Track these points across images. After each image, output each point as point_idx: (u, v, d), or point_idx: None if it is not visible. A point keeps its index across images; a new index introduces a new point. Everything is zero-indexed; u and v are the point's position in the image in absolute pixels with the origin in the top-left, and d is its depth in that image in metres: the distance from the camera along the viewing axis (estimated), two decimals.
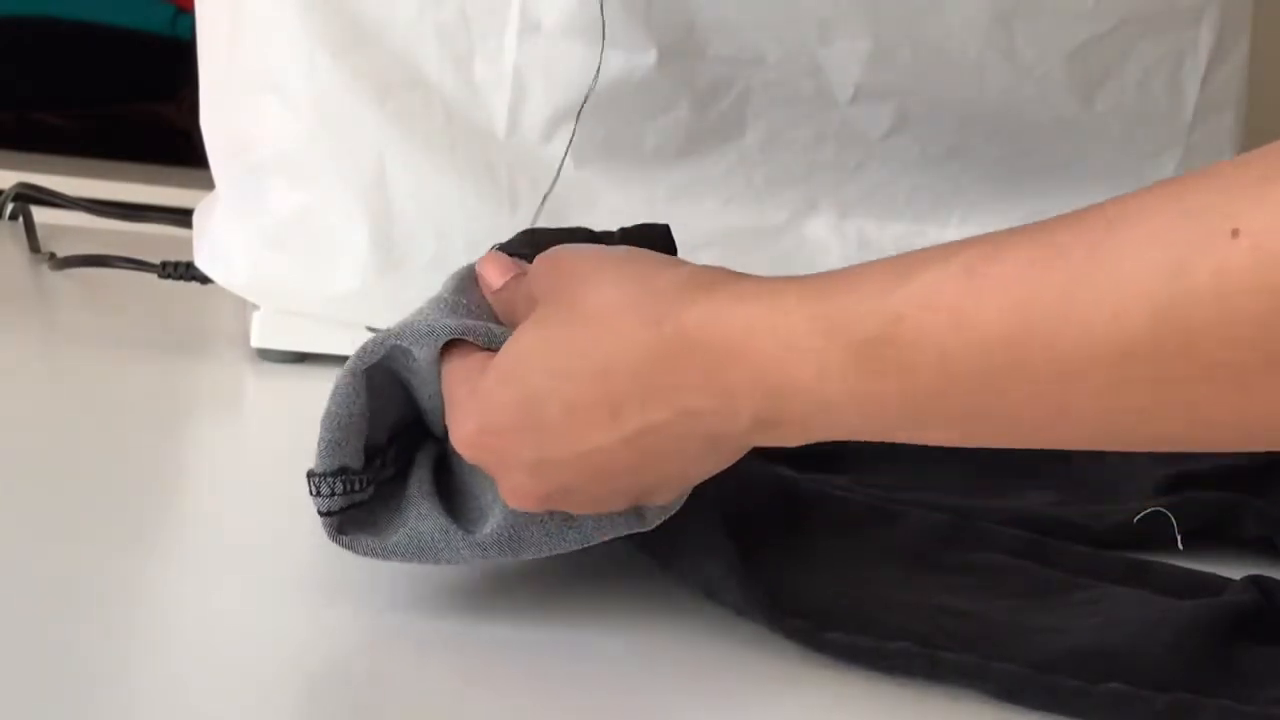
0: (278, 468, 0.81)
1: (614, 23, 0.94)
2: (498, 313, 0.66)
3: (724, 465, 0.60)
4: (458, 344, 0.63)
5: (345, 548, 0.64)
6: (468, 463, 0.63)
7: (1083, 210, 0.52)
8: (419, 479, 0.65)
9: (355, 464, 0.64)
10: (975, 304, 0.51)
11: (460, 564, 0.64)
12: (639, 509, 0.62)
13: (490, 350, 0.62)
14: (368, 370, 0.63)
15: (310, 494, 0.63)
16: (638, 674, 0.62)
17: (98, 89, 2.11)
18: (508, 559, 0.64)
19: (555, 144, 0.96)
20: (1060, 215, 0.52)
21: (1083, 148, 1.05)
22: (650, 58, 0.96)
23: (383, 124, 0.94)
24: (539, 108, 0.95)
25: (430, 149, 0.95)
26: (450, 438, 0.62)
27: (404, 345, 0.63)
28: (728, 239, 1.00)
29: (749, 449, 0.59)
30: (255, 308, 0.98)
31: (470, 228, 0.94)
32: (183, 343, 1.04)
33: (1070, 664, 0.61)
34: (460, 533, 0.63)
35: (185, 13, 2.05)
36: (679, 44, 0.97)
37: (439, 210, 0.95)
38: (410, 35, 0.94)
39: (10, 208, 1.26)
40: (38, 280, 1.15)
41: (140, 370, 0.95)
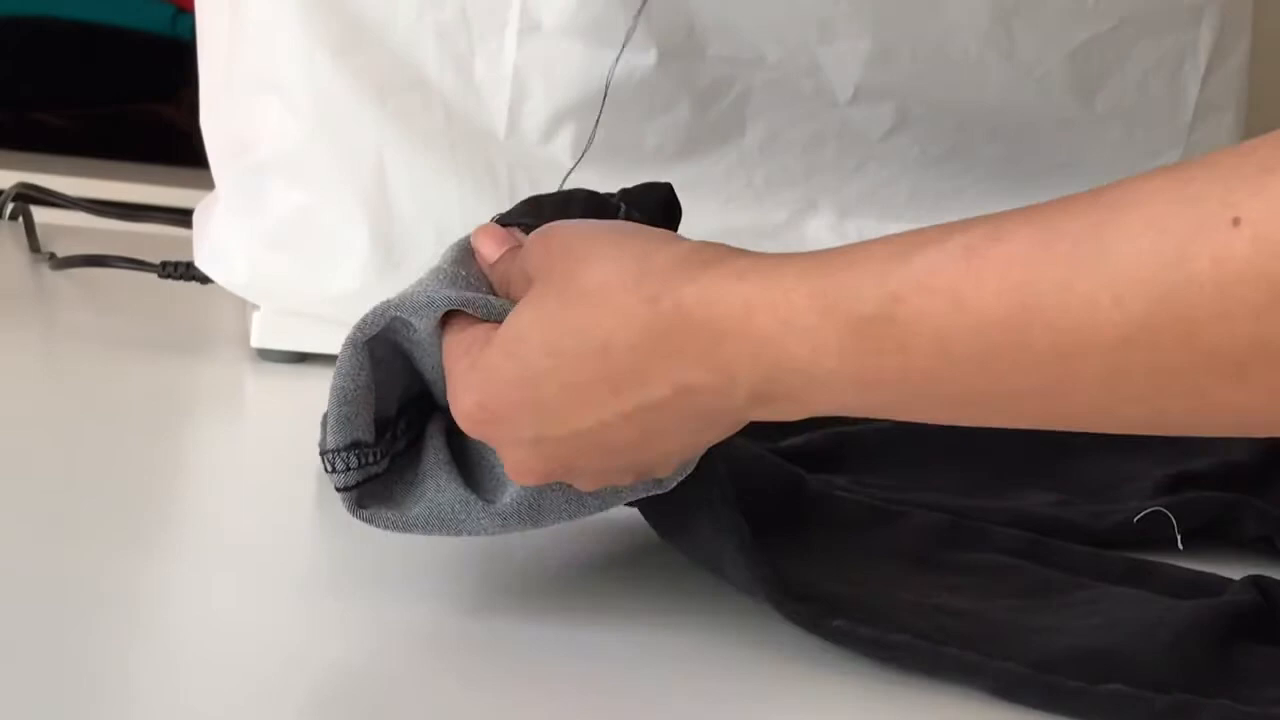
0: (277, 468, 0.81)
1: (614, 23, 0.94)
2: (494, 285, 0.65)
3: (725, 436, 0.61)
4: (457, 315, 0.63)
5: (365, 521, 0.63)
6: None
7: (1084, 194, 0.52)
8: (434, 450, 0.65)
9: (367, 437, 0.64)
10: (974, 285, 0.51)
11: (481, 535, 0.64)
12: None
13: (489, 323, 0.62)
14: (369, 343, 0.63)
15: (326, 471, 0.63)
16: (640, 673, 0.62)
17: (98, 89, 2.11)
18: (529, 528, 0.64)
19: (555, 144, 0.96)
20: (1062, 199, 0.52)
21: (1083, 148, 1.05)
22: (650, 58, 0.96)
23: (383, 124, 0.94)
24: (539, 108, 0.95)
25: (430, 149, 0.95)
26: (451, 412, 0.62)
27: (404, 317, 0.63)
28: (727, 239, 0.99)
29: (748, 422, 0.59)
30: (255, 308, 0.98)
31: (470, 228, 0.94)
32: (183, 343, 1.04)
33: (1069, 664, 0.61)
34: (480, 503, 0.63)
35: (185, 13, 2.05)
36: (679, 44, 0.97)
37: (439, 210, 0.95)
38: (410, 35, 0.94)
39: (10, 208, 1.26)
40: (38, 280, 1.15)
41: (140, 370, 0.95)
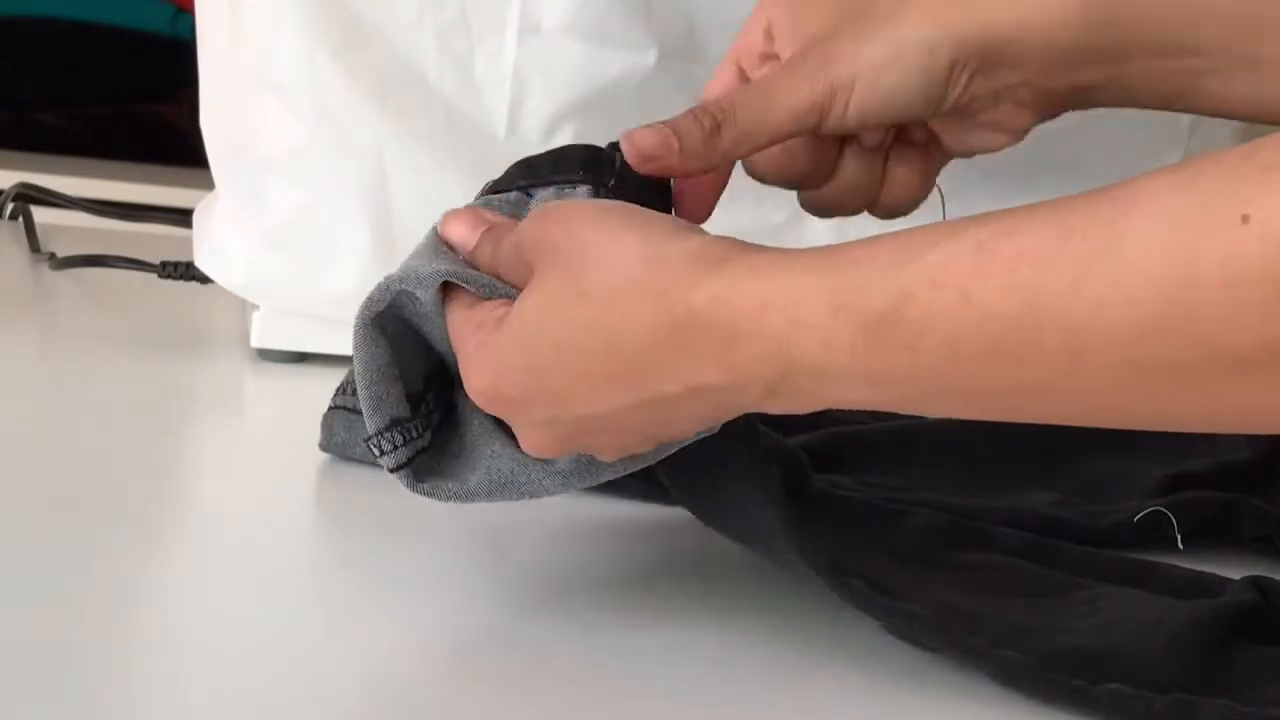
0: (277, 468, 0.81)
1: (614, 23, 0.94)
2: (481, 268, 0.64)
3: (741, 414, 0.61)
4: (459, 291, 0.62)
5: (426, 496, 0.64)
6: None
7: (1095, 192, 0.52)
8: (477, 418, 0.65)
9: (405, 413, 0.64)
10: (984, 283, 0.51)
11: (542, 495, 0.64)
12: None
13: (494, 300, 0.61)
14: (379, 320, 0.63)
15: (375, 457, 0.63)
16: (642, 673, 0.62)
17: (98, 89, 2.11)
18: (589, 484, 0.64)
19: (555, 144, 0.95)
20: (1071, 196, 0.52)
21: (1083, 148, 1.05)
22: (650, 58, 0.96)
23: (383, 124, 0.94)
24: (539, 108, 0.95)
25: (430, 149, 0.95)
26: (465, 389, 0.62)
27: (409, 289, 0.63)
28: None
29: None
30: (255, 308, 0.97)
31: None
32: (183, 343, 1.04)
33: (1069, 663, 0.61)
34: (537, 464, 0.63)
35: (185, 13, 2.05)
36: (679, 44, 0.97)
37: (439, 210, 0.95)
38: (410, 35, 0.94)
39: (10, 208, 1.26)
40: (38, 280, 1.15)
41: (140, 370, 0.95)
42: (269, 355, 0.98)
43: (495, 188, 0.68)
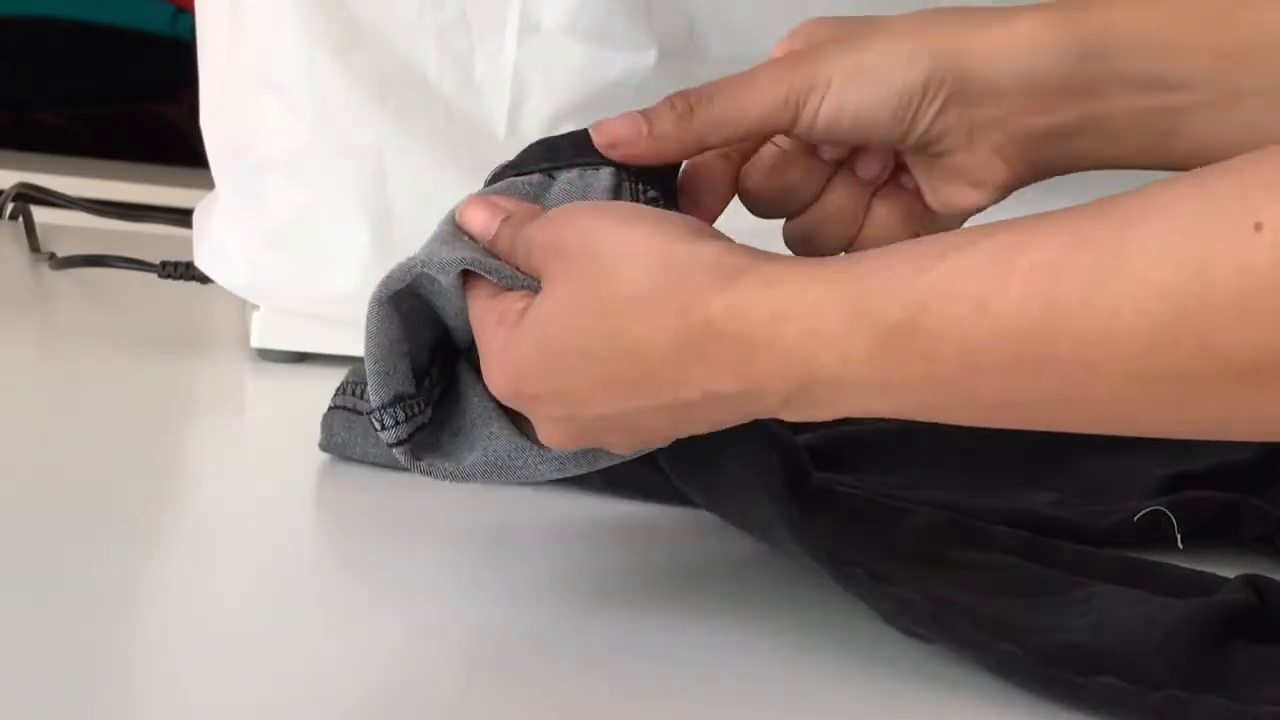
0: (277, 468, 0.81)
1: (614, 23, 0.94)
2: (500, 257, 0.64)
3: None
4: (481, 279, 0.63)
5: (423, 473, 0.64)
6: None
7: (1107, 201, 0.53)
8: (478, 397, 0.66)
9: (409, 389, 0.65)
10: (999, 293, 0.52)
11: (538, 480, 0.65)
12: None
13: (516, 292, 0.62)
14: (395, 298, 0.64)
15: (376, 430, 0.64)
16: (642, 672, 0.62)
17: (98, 89, 2.11)
18: (585, 470, 0.64)
19: None
20: (1084, 205, 0.53)
21: None
22: (650, 58, 0.96)
23: (383, 124, 0.94)
24: (539, 108, 0.95)
25: (430, 149, 0.95)
26: (485, 381, 0.63)
27: (430, 273, 0.63)
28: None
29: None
30: (255, 308, 0.98)
31: None
32: (183, 343, 1.04)
33: (1066, 659, 0.61)
34: (534, 449, 0.64)
35: (185, 13, 2.05)
36: (679, 44, 0.97)
37: (439, 210, 0.95)
38: (410, 35, 0.94)
39: (10, 208, 1.26)
40: (38, 280, 1.15)
41: (140, 370, 0.95)
42: (269, 355, 0.98)
43: (517, 169, 0.68)
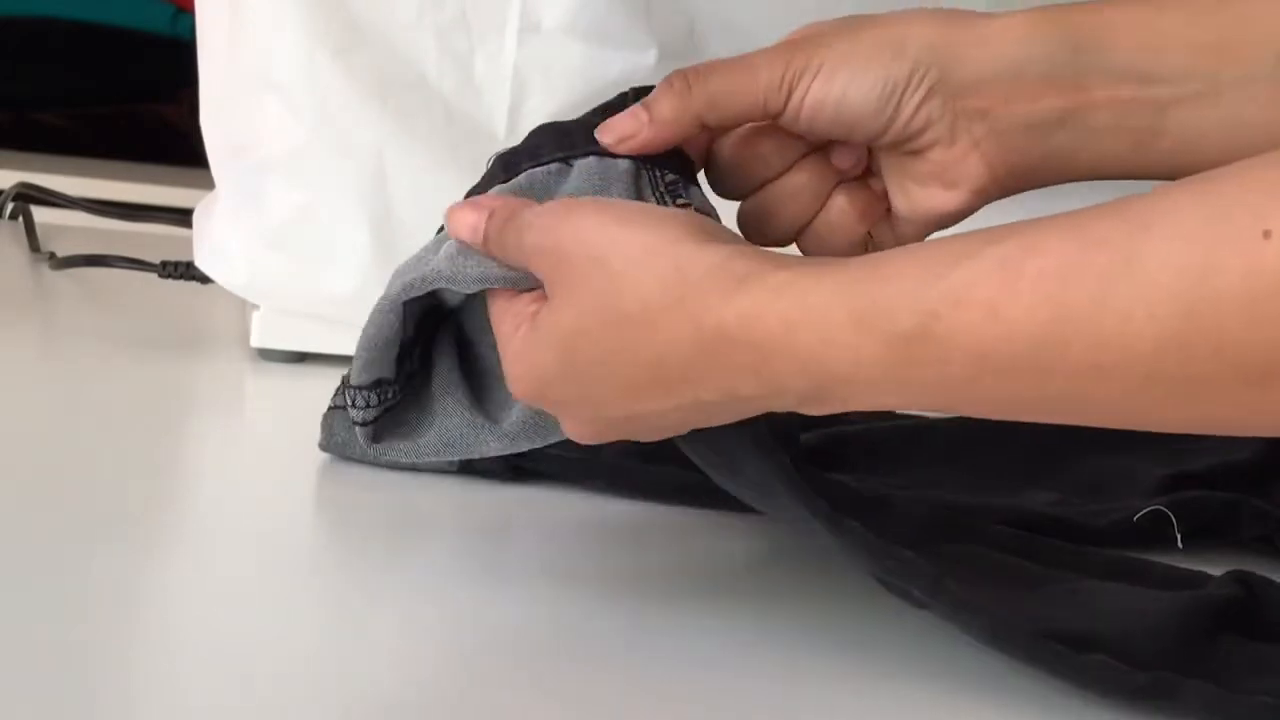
0: (277, 467, 0.81)
1: (614, 23, 0.94)
2: (491, 255, 0.65)
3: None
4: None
5: (378, 455, 0.67)
6: (491, 341, 0.64)
7: (1115, 204, 0.53)
8: (442, 371, 0.67)
9: (389, 374, 0.67)
10: (1010, 299, 0.53)
11: (491, 455, 0.66)
12: None
13: (534, 293, 0.63)
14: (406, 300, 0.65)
15: (347, 405, 0.67)
16: (642, 672, 0.62)
17: (98, 89, 2.11)
18: (537, 445, 0.66)
19: None
20: (1093, 208, 0.53)
21: None
22: (650, 58, 0.96)
23: (383, 124, 0.94)
24: (539, 108, 0.95)
25: (430, 149, 0.95)
26: (505, 381, 0.63)
27: (454, 288, 0.64)
28: None
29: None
30: (255, 308, 0.98)
31: None
32: (183, 342, 1.04)
33: (1058, 635, 0.61)
34: (487, 425, 0.65)
35: (185, 13, 2.05)
36: (679, 44, 0.97)
37: (439, 210, 0.95)
38: (410, 35, 0.94)
39: (10, 208, 1.26)
40: (38, 280, 1.15)
41: (140, 370, 0.95)
42: (269, 355, 0.98)
43: (534, 158, 0.67)
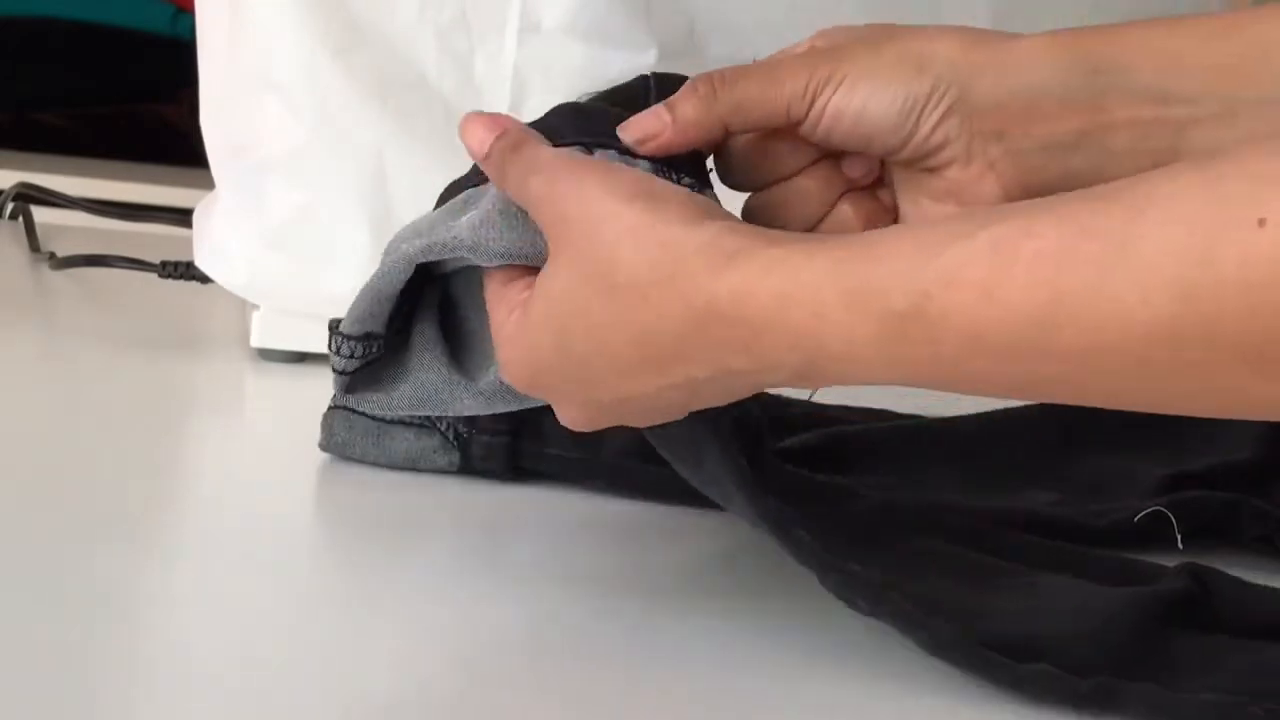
0: (277, 467, 0.81)
1: (614, 23, 0.94)
2: (489, 176, 0.65)
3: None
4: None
5: (350, 405, 0.68)
6: (477, 304, 0.65)
7: (1110, 187, 0.53)
8: (424, 328, 0.67)
9: (379, 329, 0.67)
10: (1003, 281, 0.53)
11: (466, 414, 0.67)
12: None
13: (519, 282, 0.63)
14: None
15: (329, 349, 0.67)
16: (643, 672, 0.62)
17: (98, 89, 2.11)
18: (513, 408, 0.66)
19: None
20: (1088, 191, 0.54)
21: None
22: (650, 58, 0.96)
23: (383, 124, 0.94)
24: (539, 108, 0.95)
25: (430, 149, 0.95)
26: (498, 365, 0.64)
27: (471, 259, 0.64)
28: None
29: None
30: (255, 308, 0.98)
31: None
32: (183, 342, 1.04)
33: (1000, 644, 0.61)
34: (463, 382, 0.66)
35: (185, 13, 2.05)
36: (679, 44, 0.97)
37: None
38: (410, 35, 0.94)
39: (10, 208, 1.26)
40: (38, 280, 1.15)
41: (140, 370, 0.95)
42: (269, 355, 0.98)
43: (552, 136, 0.67)
